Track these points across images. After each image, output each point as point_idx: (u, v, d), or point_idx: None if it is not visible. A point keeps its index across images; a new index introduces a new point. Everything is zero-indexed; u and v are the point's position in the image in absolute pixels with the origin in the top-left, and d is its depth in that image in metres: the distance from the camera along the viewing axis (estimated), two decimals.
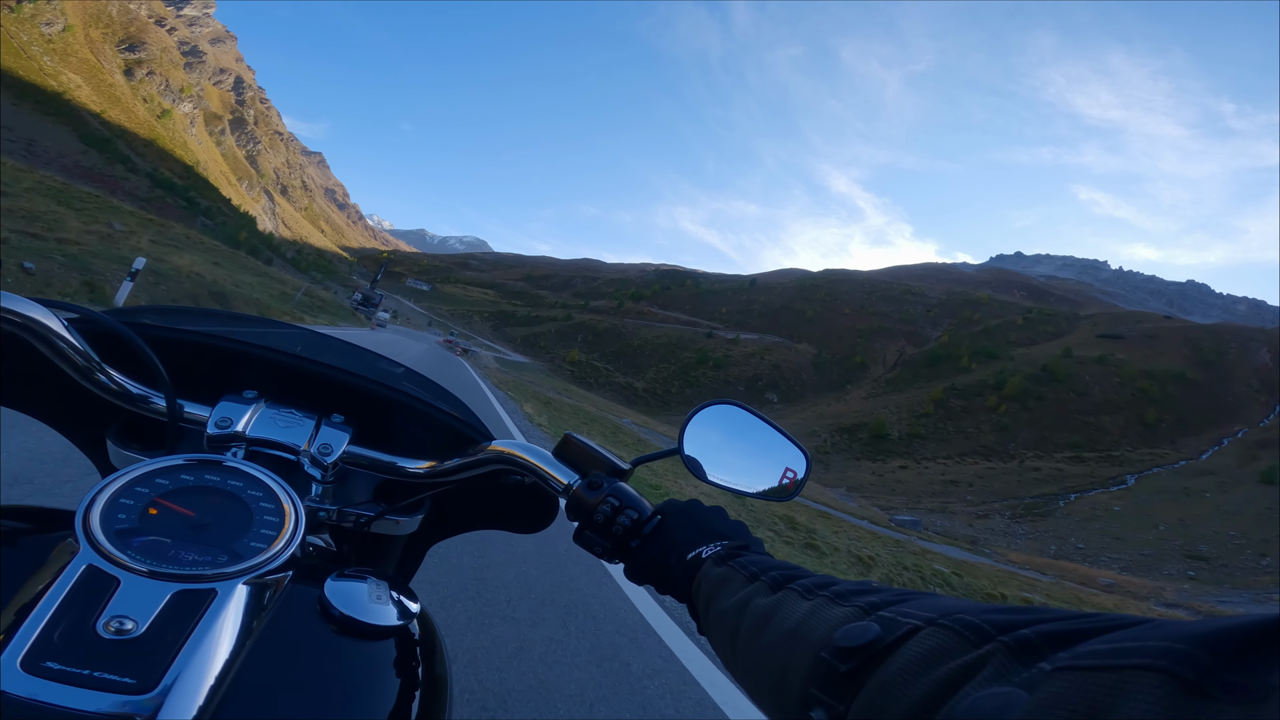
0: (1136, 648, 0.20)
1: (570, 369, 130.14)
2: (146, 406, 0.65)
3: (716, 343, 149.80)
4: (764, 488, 0.69)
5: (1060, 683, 0.21)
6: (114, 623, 0.37)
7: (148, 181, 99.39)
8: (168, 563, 0.41)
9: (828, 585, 0.41)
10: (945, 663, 0.27)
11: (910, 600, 0.35)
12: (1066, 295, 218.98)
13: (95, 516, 0.43)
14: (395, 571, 0.84)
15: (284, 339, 0.80)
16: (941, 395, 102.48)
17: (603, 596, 3.41)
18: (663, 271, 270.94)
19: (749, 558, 0.51)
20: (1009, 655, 0.25)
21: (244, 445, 0.64)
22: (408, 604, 0.50)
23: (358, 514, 0.68)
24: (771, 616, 0.41)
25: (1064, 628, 0.25)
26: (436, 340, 60.24)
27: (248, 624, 0.40)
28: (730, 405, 0.70)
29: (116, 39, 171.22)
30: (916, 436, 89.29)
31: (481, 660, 2.35)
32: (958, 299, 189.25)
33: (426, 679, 0.49)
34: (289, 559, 0.46)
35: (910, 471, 76.13)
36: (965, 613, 0.30)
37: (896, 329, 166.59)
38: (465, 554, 3.32)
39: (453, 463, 0.70)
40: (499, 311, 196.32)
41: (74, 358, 0.59)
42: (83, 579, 0.39)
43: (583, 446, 0.66)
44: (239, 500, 0.49)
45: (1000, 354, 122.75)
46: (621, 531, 0.59)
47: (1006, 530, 53.13)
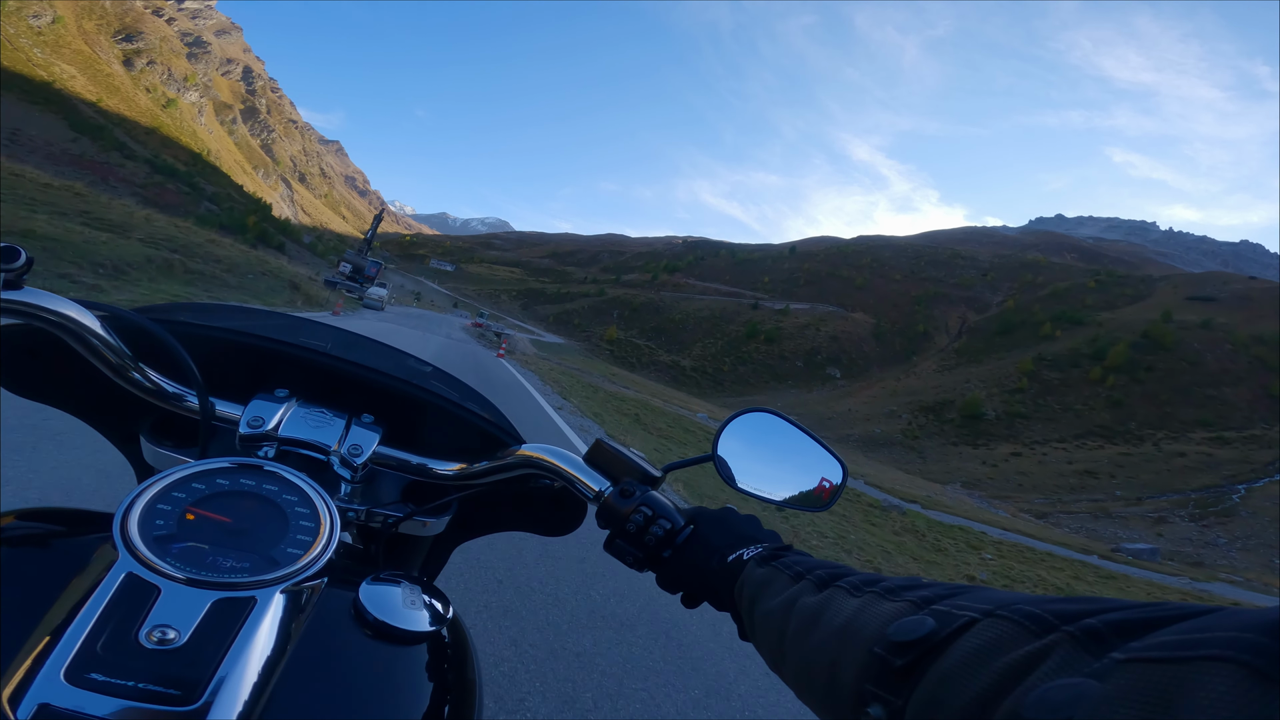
0: (1206, 638, 0.20)
1: (609, 348, 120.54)
2: (180, 405, 0.65)
3: (764, 314, 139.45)
4: (797, 496, 0.68)
5: (1131, 674, 0.20)
6: (156, 632, 0.36)
7: (146, 168, 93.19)
8: (206, 570, 0.41)
9: (876, 582, 0.40)
10: (1006, 654, 0.26)
11: (963, 594, 0.34)
12: (1121, 257, 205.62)
13: (133, 522, 0.43)
14: (421, 571, 0.84)
15: (315, 336, 0.79)
16: (1032, 367, 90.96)
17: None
18: (691, 243, 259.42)
19: (792, 557, 0.50)
20: (1075, 645, 0.24)
21: (275, 444, 0.64)
22: (440, 608, 0.51)
23: (386, 515, 0.67)
24: (820, 615, 0.40)
25: (1132, 617, 0.24)
26: (462, 324, 49.25)
27: (285, 631, 0.40)
28: (766, 413, 0.69)
29: (112, 30, 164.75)
30: (1018, 416, 78.66)
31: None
32: (1010, 262, 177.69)
33: (458, 684, 0.49)
34: (325, 565, 0.46)
35: (1028, 460, 65.63)
36: (1024, 603, 0.29)
37: (954, 294, 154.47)
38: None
39: (482, 465, 0.69)
40: (527, 289, 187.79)
41: (109, 356, 0.59)
42: (123, 587, 0.38)
43: (614, 453, 0.65)
44: (274, 505, 0.49)
45: (1085, 319, 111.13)
46: (654, 542, 0.58)
47: (1200, 538, 43.10)
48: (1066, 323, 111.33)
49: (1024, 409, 79.99)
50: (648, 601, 3.05)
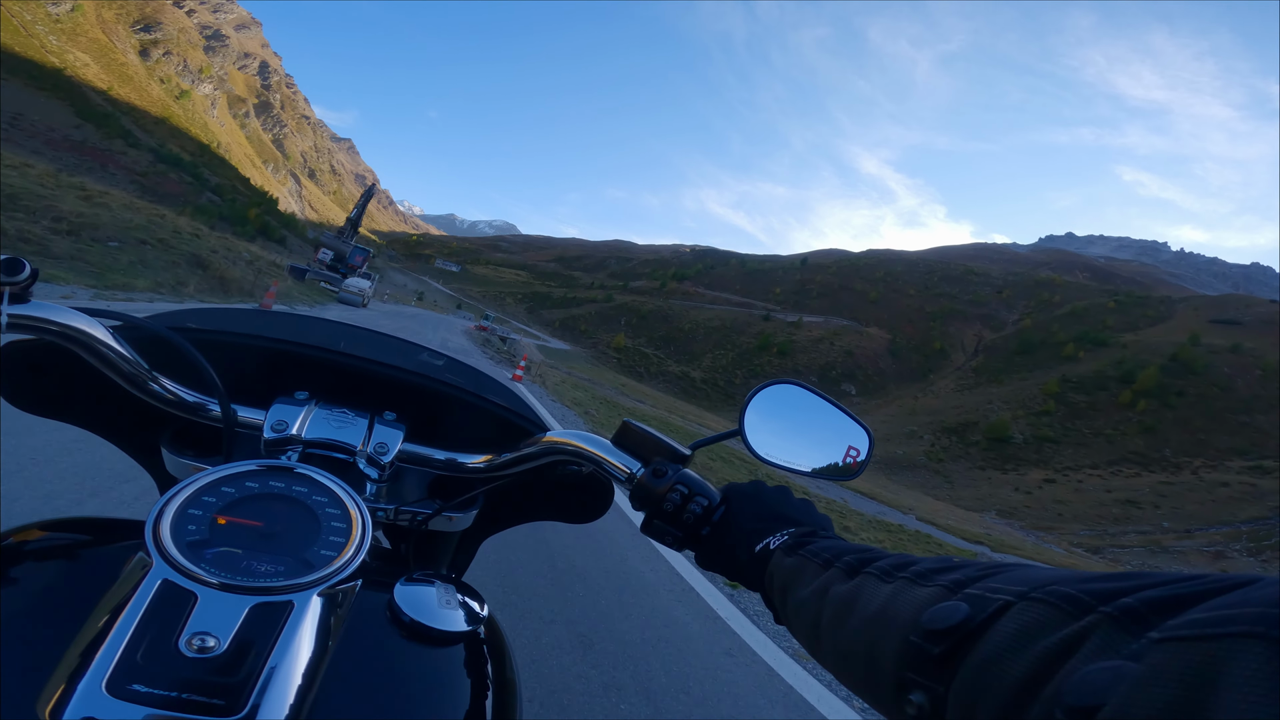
0: (1234, 615, 0.19)
1: (616, 356, 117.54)
2: (202, 413, 0.63)
3: (776, 326, 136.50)
4: (824, 466, 0.68)
5: (1164, 653, 0.20)
6: (196, 640, 0.36)
7: (150, 156, 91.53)
8: (241, 575, 0.40)
9: (906, 565, 0.39)
10: (1045, 637, 0.25)
11: (997, 574, 0.33)
12: (1134, 277, 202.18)
13: (166, 529, 0.42)
14: (449, 567, 0.83)
15: (327, 335, 0.78)
16: (1058, 389, 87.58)
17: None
18: (700, 251, 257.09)
19: (819, 544, 0.49)
20: (1114, 626, 0.24)
21: (300, 447, 0.63)
22: (475, 607, 0.50)
23: (414, 512, 0.67)
24: (853, 603, 0.39)
25: (1169, 593, 0.23)
26: (465, 326, 45.64)
27: (323, 635, 0.40)
28: (791, 385, 0.69)
29: (131, 20, 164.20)
30: (1046, 440, 75.24)
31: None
32: (1023, 280, 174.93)
33: (497, 682, 0.49)
34: (359, 567, 0.45)
35: (1063, 487, 62.20)
36: (1059, 583, 0.28)
37: (968, 311, 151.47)
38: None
39: (508, 456, 0.68)
40: (533, 293, 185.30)
41: (123, 367, 0.57)
42: (159, 595, 0.38)
43: (642, 433, 0.63)
44: (305, 507, 0.48)
45: (1108, 341, 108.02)
46: (692, 520, 0.57)
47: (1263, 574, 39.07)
48: (1089, 344, 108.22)
49: (1052, 433, 76.73)
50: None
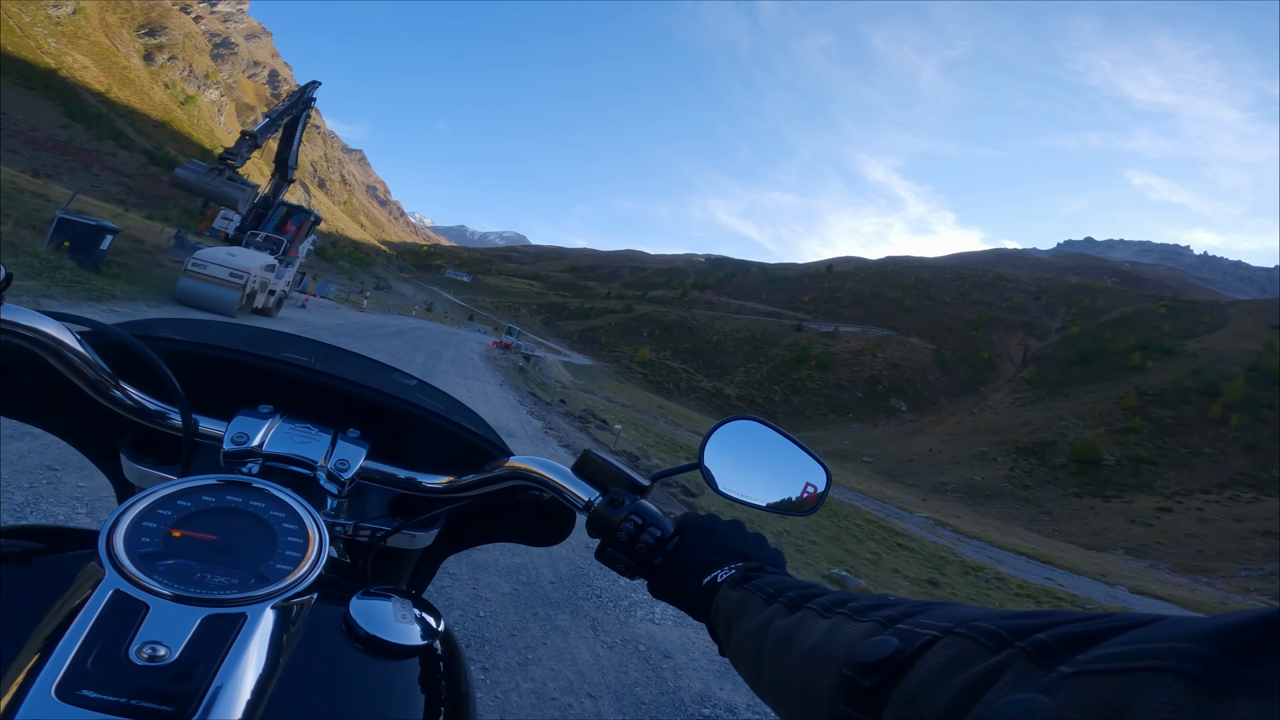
0: (1147, 649, 0.20)
1: (641, 371, 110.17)
2: (162, 422, 0.63)
3: (811, 336, 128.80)
4: (781, 501, 0.69)
5: (1077, 687, 0.21)
6: (146, 649, 0.36)
7: (143, 159, 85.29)
8: (195, 586, 0.40)
9: (845, 602, 0.41)
10: (965, 670, 0.27)
11: (927, 611, 0.34)
12: (1162, 281, 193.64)
13: (119, 540, 0.42)
14: (409, 584, 0.83)
15: (298, 351, 0.78)
16: (1136, 402, 78.78)
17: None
18: (714, 260, 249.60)
19: (764, 579, 0.50)
20: (1027, 660, 0.25)
21: (260, 461, 0.63)
22: (431, 622, 0.51)
23: (374, 529, 0.67)
24: (792, 637, 0.41)
25: (1080, 630, 0.24)
26: (482, 343, 37.75)
27: (276, 647, 0.40)
28: (752, 421, 0.70)
29: (136, 24, 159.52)
30: (1142, 461, 66.93)
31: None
32: (1055, 285, 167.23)
33: (450, 696, 0.49)
34: (315, 581, 0.45)
35: (1182, 516, 53.87)
36: (982, 620, 0.29)
37: (1009, 319, 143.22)
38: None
39: (471, 478, 0.69)
40: (548, 304, 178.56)
41: (88, 373, 0.58)
42: (111, 605, 0.38)
43: (602, 463, 0.65)
44: (262, 522, 0.48)
45: (1174, 349, 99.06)
46: (645, 549, 0.58)
47: None
48: (1156, 352, 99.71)
49: (1146, 452, 68.82)
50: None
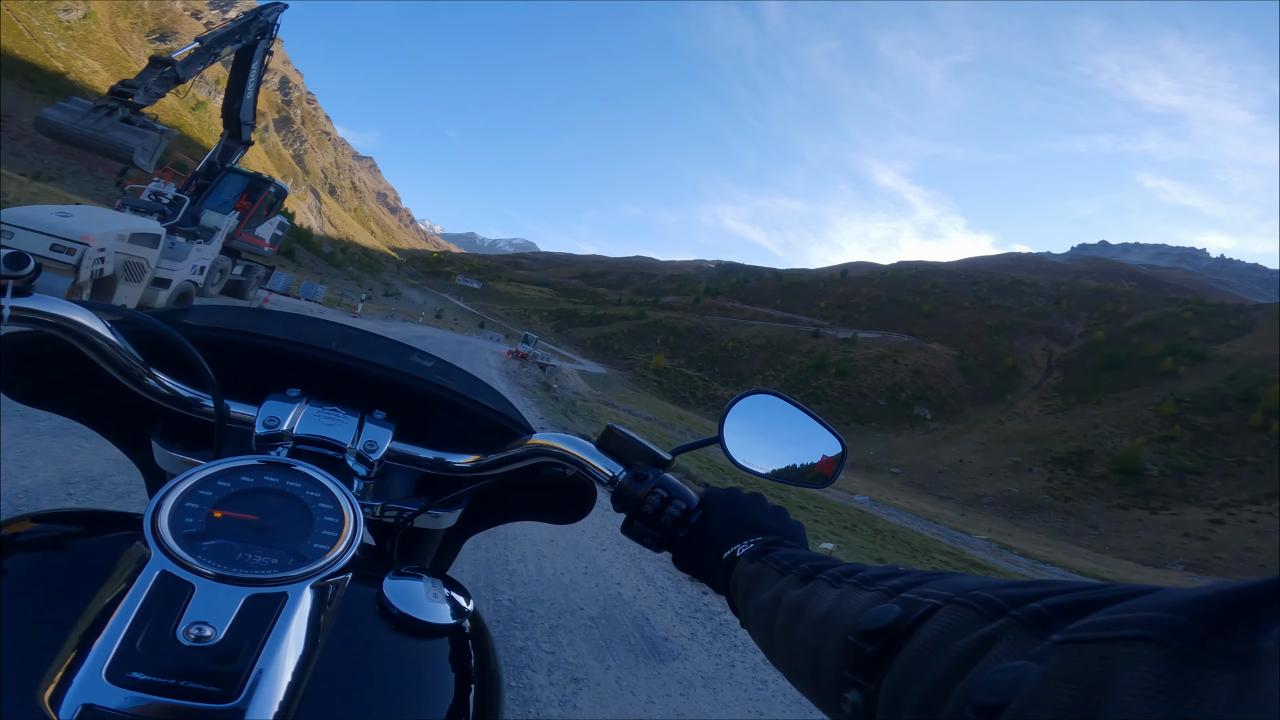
0: (1129, 619, 0.20)
1: (656, 379, 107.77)
2: (195, 408, 0.65)
3: (829, 343, 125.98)
4: (797, 474, 0.71)
5: (1064, 655, 0.21)
6: (193, 629, 0.37)
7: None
8: (237, 567, 0.41)
9: (855, 573, 0.42)
10: (961, 638, 0.27)
11: (932, 580, 0.35)
12: (1180, 285, 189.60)
13: (164, 521, 0.43)
14: (433, 564, 0.85)
15: (322, 335, 0.79)
16: (1174, 410, 75.40)
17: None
18: (723, 266, 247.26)
19: (780, 552, 0.52)
20: (1021, 629, 0.25)
21: (291, 444, 0.64)
22: (461, 601, 0.51)
23: (401, 509, 0.69)
24: (804, 607, 0.42)
25: (1073, 599, 0.25)
26: (495, 351, 35.25)
27: (315, 626, 0.41)
28: (769, 395, 0.72)
29: (147, 28, 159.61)
30: (1187, 471, 63.86)
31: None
32: (1074, 290, 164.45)
33: (480, 675, 0.50)
34: (350, 560, 0.46)
35: (1235, 528, 51.24)
36: (982, 589, 0.30)
37: (1031, 324, 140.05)
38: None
39: (495, 456, 0.71)
40: (559, 310, 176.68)
41: (121, 361, 0.58)
42: (158, 585, 0.39)
43: (625, 438, 0.66)
44: (299, 502, 0.49)
45: (1207, 354, 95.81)
46: (671, 522, 0.60)
47: None
48: (1187, 358, 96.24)
49: (1189, 462, 65.91)
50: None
